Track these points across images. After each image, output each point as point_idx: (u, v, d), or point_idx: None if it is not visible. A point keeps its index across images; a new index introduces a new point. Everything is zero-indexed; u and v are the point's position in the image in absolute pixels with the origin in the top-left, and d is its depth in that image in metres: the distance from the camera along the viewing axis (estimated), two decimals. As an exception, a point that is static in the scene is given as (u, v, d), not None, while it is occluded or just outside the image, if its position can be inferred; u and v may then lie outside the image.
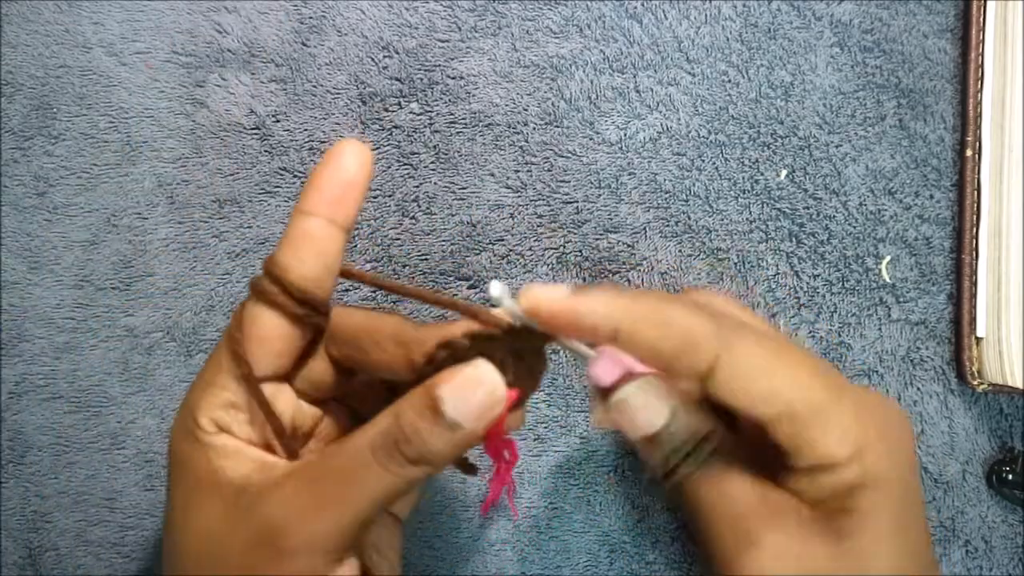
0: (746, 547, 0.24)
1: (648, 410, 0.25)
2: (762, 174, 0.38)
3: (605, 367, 0.25)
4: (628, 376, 0.25)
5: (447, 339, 0.24)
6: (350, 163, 0.25)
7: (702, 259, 0.38)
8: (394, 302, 0.38)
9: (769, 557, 0.24)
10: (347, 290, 0.38)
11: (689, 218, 0.38)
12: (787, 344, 0.25)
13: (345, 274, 0.27)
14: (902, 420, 0.26)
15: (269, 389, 0.26)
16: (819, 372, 0.24)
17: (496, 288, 0.24)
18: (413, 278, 0.38)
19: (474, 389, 0.24)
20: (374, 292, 0.38)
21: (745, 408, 0.24)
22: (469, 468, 0.29)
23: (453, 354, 0.24)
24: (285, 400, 0.27)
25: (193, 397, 0.26)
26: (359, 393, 0.29)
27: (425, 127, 0.38)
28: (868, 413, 0.24)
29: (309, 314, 0.25)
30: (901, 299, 0.38)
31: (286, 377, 0.27)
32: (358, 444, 0.24)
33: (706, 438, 0.25)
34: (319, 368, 0.27)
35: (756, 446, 0.25)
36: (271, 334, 0.25)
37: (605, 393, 0.25)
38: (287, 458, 0.26)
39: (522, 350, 0.25)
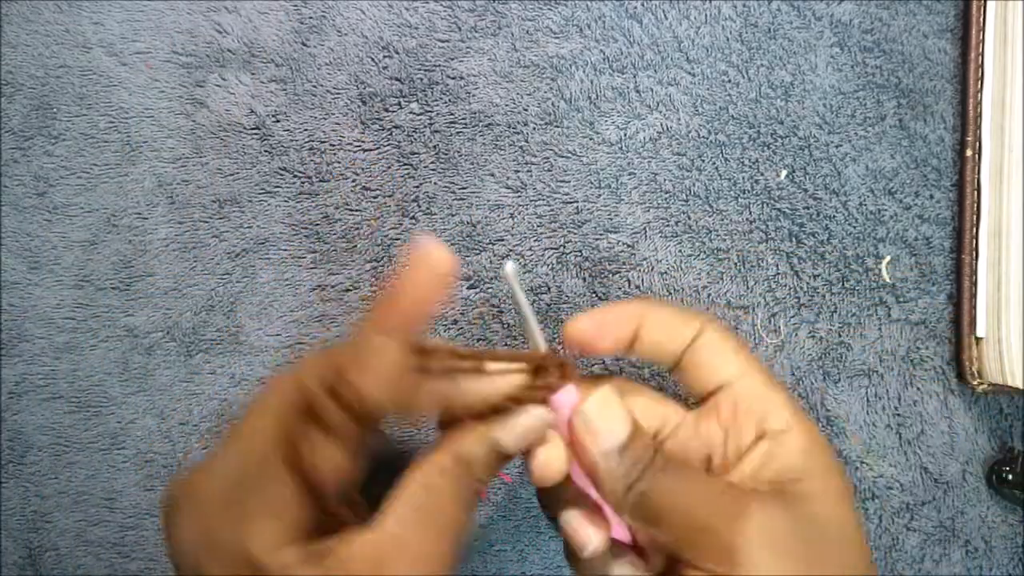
0: (732, 527, 0.25)
1: (612, 421, 0.27)
2: (762, 174, 0.38)
3: (565, 396, 0.27)
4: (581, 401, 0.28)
5: (510, 400, 0.27)
6: (435, 289, 0.25)
7: (702, 259, 0.38)
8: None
9: (756, 528, 0.25)
10: (347, 290, 0.38)
11: (689, 218, 0.38)
12: (741, 343, 0.30)
13: (420, 351, 0.26)
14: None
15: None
16: (758, 365, 0.29)
17: (510, 267, 0.26)
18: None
19: (532, 431, 0.27)
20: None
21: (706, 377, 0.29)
22: None
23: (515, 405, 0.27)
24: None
25: (248, 545, 0.23)
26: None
27: (425, 127, 0.38)
28: (796, 406, 0.28)
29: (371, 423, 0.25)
30: (901, 299, 0.38)
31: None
32: (439, 491, 0.25)
33: (658, 447, 0.27)
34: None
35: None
36: (337, 464, 0.25)
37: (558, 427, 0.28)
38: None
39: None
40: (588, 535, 0.28)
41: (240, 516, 0.23)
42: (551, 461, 0.27)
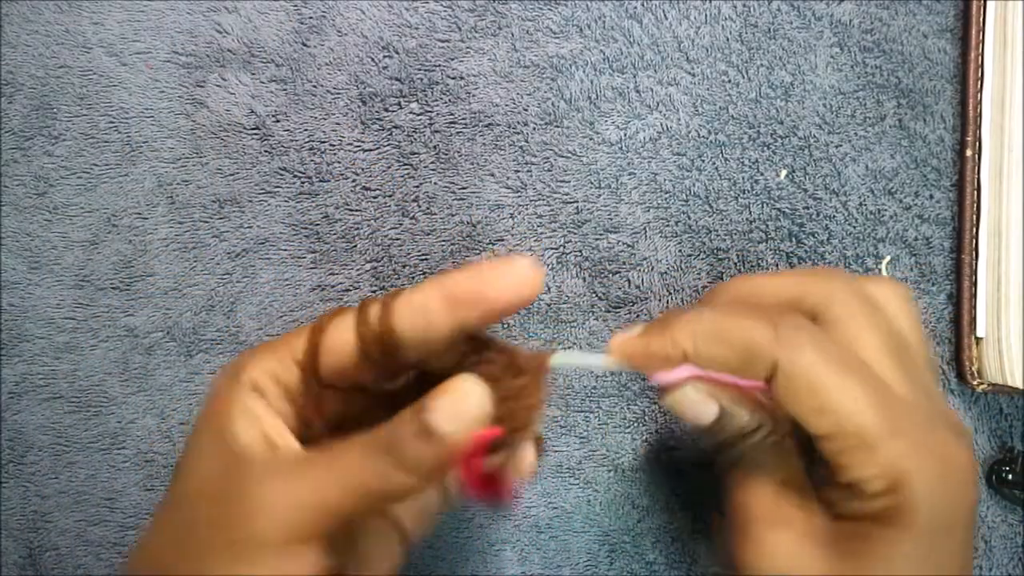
0: (748, 541, 0.26)
1: (700, 406, 0.27)
2: (762, 174, 0.38)
3: (664, 376, 0.27)
4: (689, 379, 0.27)
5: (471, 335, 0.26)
6: (528, 292, 0.25)
7: (702, 259, 0.38)
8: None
9: (763, 554, 0.25)
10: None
11: (689, 218, 0.38)
12: (860, 362, 0.25)
13: (471, 338, 0.26)
14: (966, 471, 0.25)
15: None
16: (883, 398, 0.24)
17: (558, 358, 0.26)
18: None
19: (455, 395, 0.25)
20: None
21: (798, 418, 0.25)
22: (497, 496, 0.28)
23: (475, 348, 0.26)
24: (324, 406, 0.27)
25: (250, 356, 0.26)
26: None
27: (425, 127, 0.38)
28: (929, 455, 0.24)
29: (381, 359, 0.25)
30: (901, 299, 0.38)
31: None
32: (353, 440, 0.24)
33: (750, 435, 0.27)
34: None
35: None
36: (344, 350, 0.25)
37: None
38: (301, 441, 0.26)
39: (521, 373, 0.26)
40: (707, 403, 0.27)
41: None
42: (700, 407, 0.27)
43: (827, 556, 0.25)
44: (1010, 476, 0.36)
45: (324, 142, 0.38)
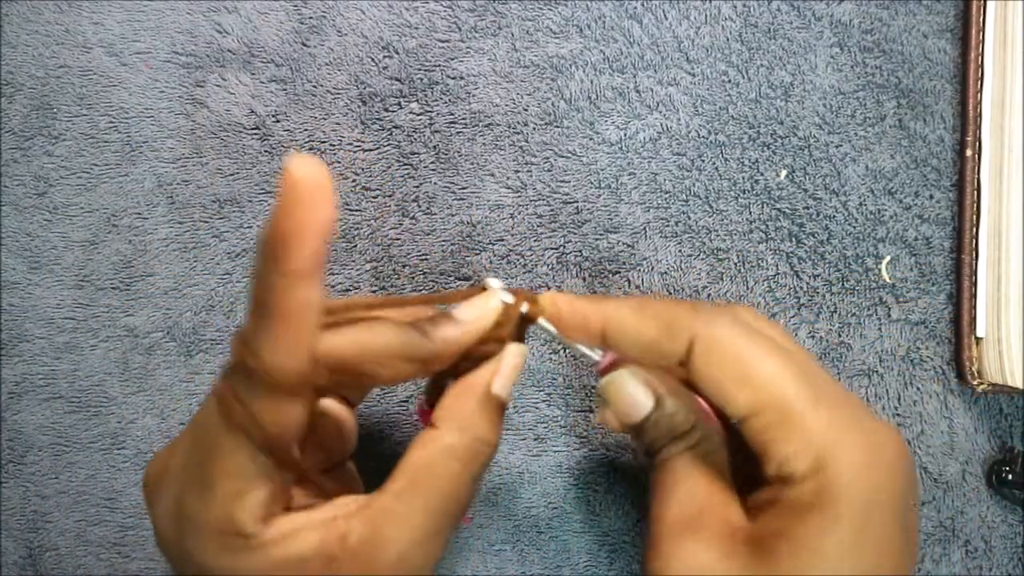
0: (663, 546, 0.24)
1: (637, 394, 0.26)
2: (762, 174, 0.38)
3: (607, 357, 0.28)
4: (619, 362, 0.27)
5: (474, 354, 0.27)
6: (319, 202, 0.20)
7: (702, 259, 0.38)
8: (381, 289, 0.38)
9: (676, 561, 0.24)
10: (347, 290, 0.38)
11: (689, 218, 0.38)
12: (777, 343, 0.24)
13: (330, 309, 0.25)
14: (897, 454, 0.23)
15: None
16: (805, 371, 0.23)
17: (494, 282, 0.28)
18: (413, 278, 0.38)
19: (517, 371, 0.27)
20: (376, 290, 0.38)
21: (716, 396, 0.24)
22: None
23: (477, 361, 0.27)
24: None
25: (218, 514, 0.23)
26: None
27: (425, 127, 0.38)
28: (852, 430, 0.23)
29: (319, 380, 0.23)
30: (901, 299, 0.38)
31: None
32: (451, 474, 0.25)
33: (683, 435, 0.26)
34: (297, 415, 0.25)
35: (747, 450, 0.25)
36: (297, 420, 0.23)
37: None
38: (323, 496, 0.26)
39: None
40: (644, 392, 0.26)
41: (204, 486, 0.23)
42: (638, 395, 0.26)
43: (745, 558, 0.23)
44: (1010, 476, 0.36)
45: (324, 142, 0.38)
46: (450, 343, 0.26)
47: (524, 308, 0.27)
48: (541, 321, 0.28)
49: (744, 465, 0.26)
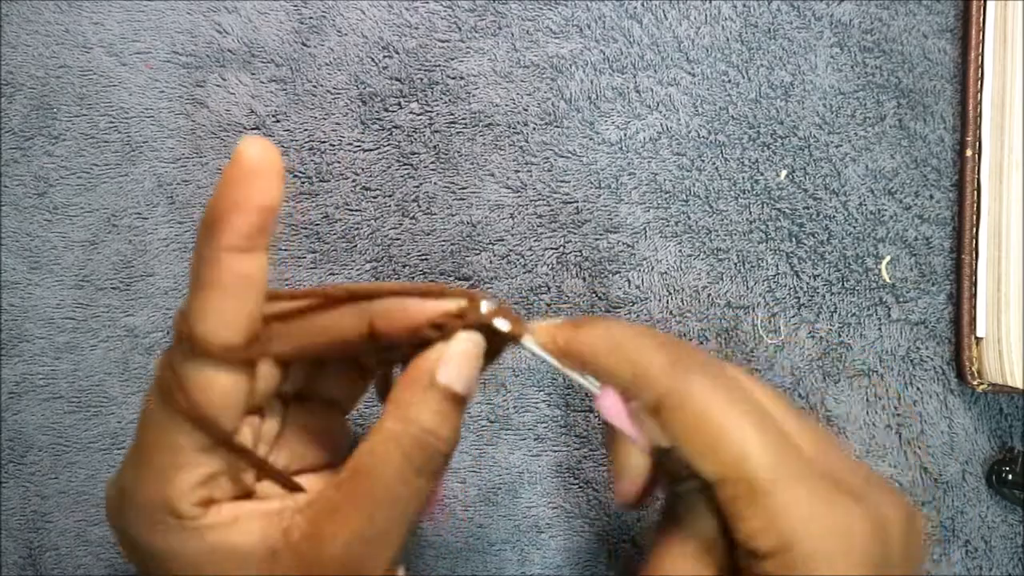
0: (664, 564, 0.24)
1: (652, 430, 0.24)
2: (762, 174, 0.38)
3: (608, 398, 0.25)
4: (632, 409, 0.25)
5: (439, 322, 0.24)
6: (262, 182, 0.21)
7: (702, 259, 0.38)
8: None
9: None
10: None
11: (689, 218, 0.38)
12: (760, 409, 0.23)
13: (272, 297, 0.24)
14: (876, 536, 0.22)
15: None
16: (782, 449, 0.22)
17: (486, 306, 0.25)
18: (413, 278, 0.38)
19: (473, 361, 0.24)
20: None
21: (686, 456, 0.23)
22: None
23: (444, 334, 0.25)
24: (246, 435, 0.24)
25: (154, 489, 0.22)
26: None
27: (425, 127, 0.38)
28: (827, 511, 0.21)
29: (262, 353, 0.23)
30: (901, 299, 0.38)
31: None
32: (396, 468, 0.23)
33: (690, 477, 0.24)
34: (264, 377, 0.24)
35: None
36: (230, 392, 0.23)
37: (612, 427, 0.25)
38: (289, 491, 0.25)
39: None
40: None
41: (139, 459, 0.23)
42: (635, 467, 0.25)
43: None
44: (1010, 476, 0.36)
45: (324, 142, 0.38)
46: (403, 305, 0.24)
47: (485, 307, 0.24)
48: (528, 343, 0.25)
49: None
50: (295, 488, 0.25)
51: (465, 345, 0.24)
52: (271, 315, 0.24)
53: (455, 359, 0.24)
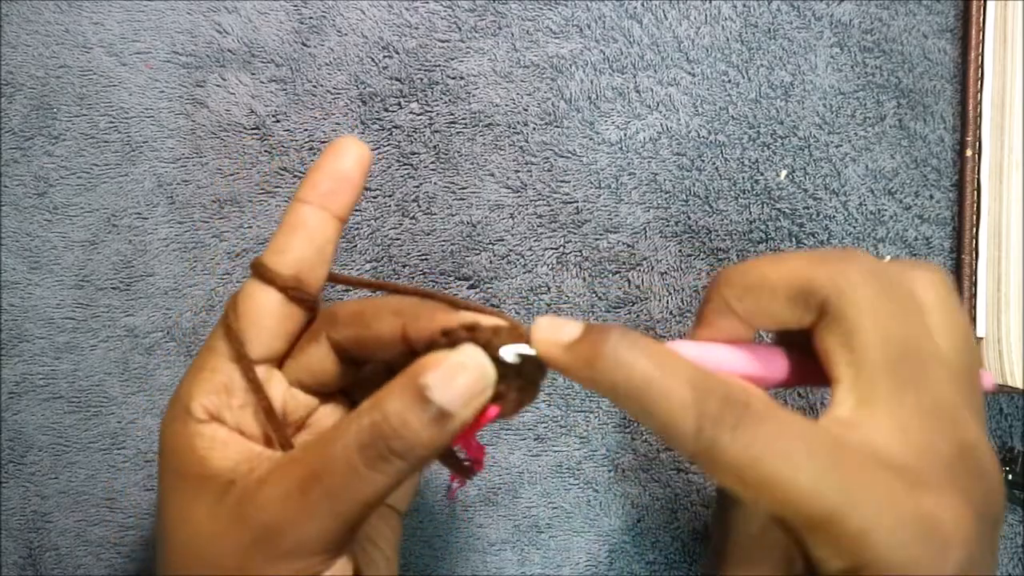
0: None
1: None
2: (762, 174, 0.38)
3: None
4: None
5: (448, 328, 0.24)
6: (348, 159, 0.26)
7: (702, 259, 0.38)
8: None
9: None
10: (347, 290, 0.38)
11: (689, 218, 0.38)
12: (810, 427, 0.21)
13: (335, 279, 0.28)
14: (967, 534, 0.21)
15: (261, 373, 0.26)
16: (837, 456, 0.21)
17: (509, 353, 0.24)
18: (413, 278, 0.38)
19: (461, 373, 0.23)
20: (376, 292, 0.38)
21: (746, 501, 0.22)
22: (463, 470, 0.28)
23: (452, 344, 0.24)
24: (276, 386, 0.27)
25: (186, 383, 0.26)
26: (365, 384, 0.28)
27: (425, 127, 0.38)
28: (899, 526, 0.20)
29: (303, 295, 0.26)
30: (901, 299, 0.38)
31: (280, 363, 0.27)
32: (345, 443, 0.23)
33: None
34: (320, 355, 0.27)
35: None
36: (265, 312, 0.26)
37: None
38: (280, 446, 0.26)
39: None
40: None
41: (190, 367, 0.26)
42: None
43: None
44: (1010, 476, 0.36)
45: (324, 142, 0.38)
46: (434, 314, 0.24)
47: (504, 340, 0.23)
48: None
49: None
50: (284, 442, 0.26)
51: (462, 358, 0.23)
52: (337, 278, 0.28)
53: (446, 367, 0.23)
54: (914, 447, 0.21)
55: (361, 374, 0.28)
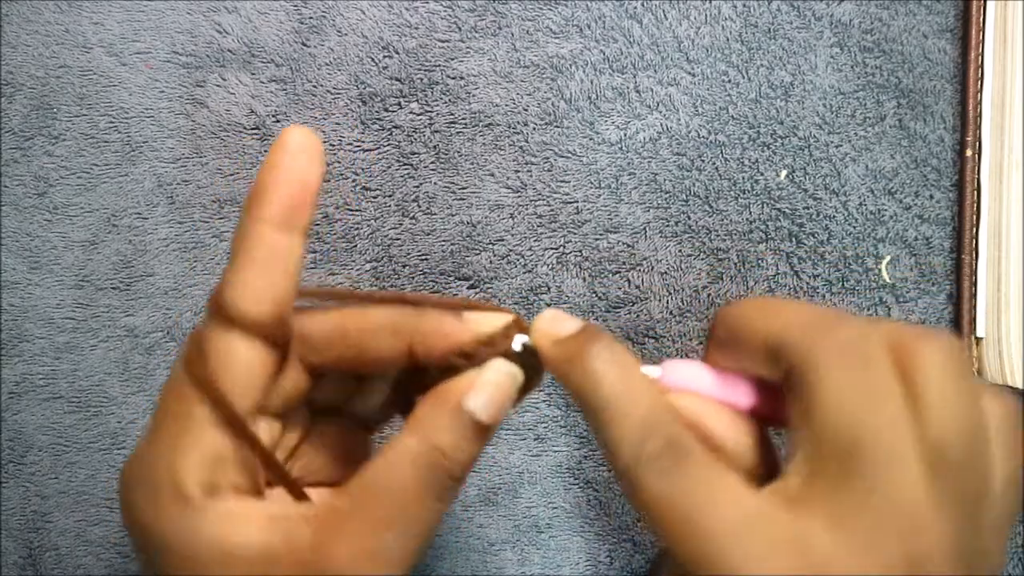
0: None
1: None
2: (762, 174, 0.38)
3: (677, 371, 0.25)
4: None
5: (467, 351, 0.24)
6: (302, 158, 0.23)
7: (702, 259, 0.38)
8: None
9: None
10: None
11: (689, 218, 0.38)
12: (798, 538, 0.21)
13: (302, 293, 0.25)
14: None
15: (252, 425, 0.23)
16: (756, 534, 0.20)
17: (518, 343, 0.24)
18: (413, 278, 0.38)
19: (499, 390, 0.24)
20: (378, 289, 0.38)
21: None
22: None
23: (470, 359, 0.24)
24: (262, 434, 0.24)
25: (164, 462, 0.22)
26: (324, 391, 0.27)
27: (425, 127, 0.38)
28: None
29: (285, 338, 0.23)
30: (901, 299, 0.38)
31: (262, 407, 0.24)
32: (404, 483, 0.22)
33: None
34: (294, 379, 0.25)
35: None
36: (244, 366, 0.22)
37: None
38: (295, 498, 0.24)
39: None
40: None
41: (153, 427, 0.23)
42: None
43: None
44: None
45: (324, 142, 0.38)
46: (443, 328, 0.24)
47: (518, 344, 0.24)
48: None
49: None
50: (298, 494, 0.24)
51: (499, 376, 0.24)
52: (305, 291, 0.24)
53: (487, 387, 0.23)
54: (844, 546, 0.19)
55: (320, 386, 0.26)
